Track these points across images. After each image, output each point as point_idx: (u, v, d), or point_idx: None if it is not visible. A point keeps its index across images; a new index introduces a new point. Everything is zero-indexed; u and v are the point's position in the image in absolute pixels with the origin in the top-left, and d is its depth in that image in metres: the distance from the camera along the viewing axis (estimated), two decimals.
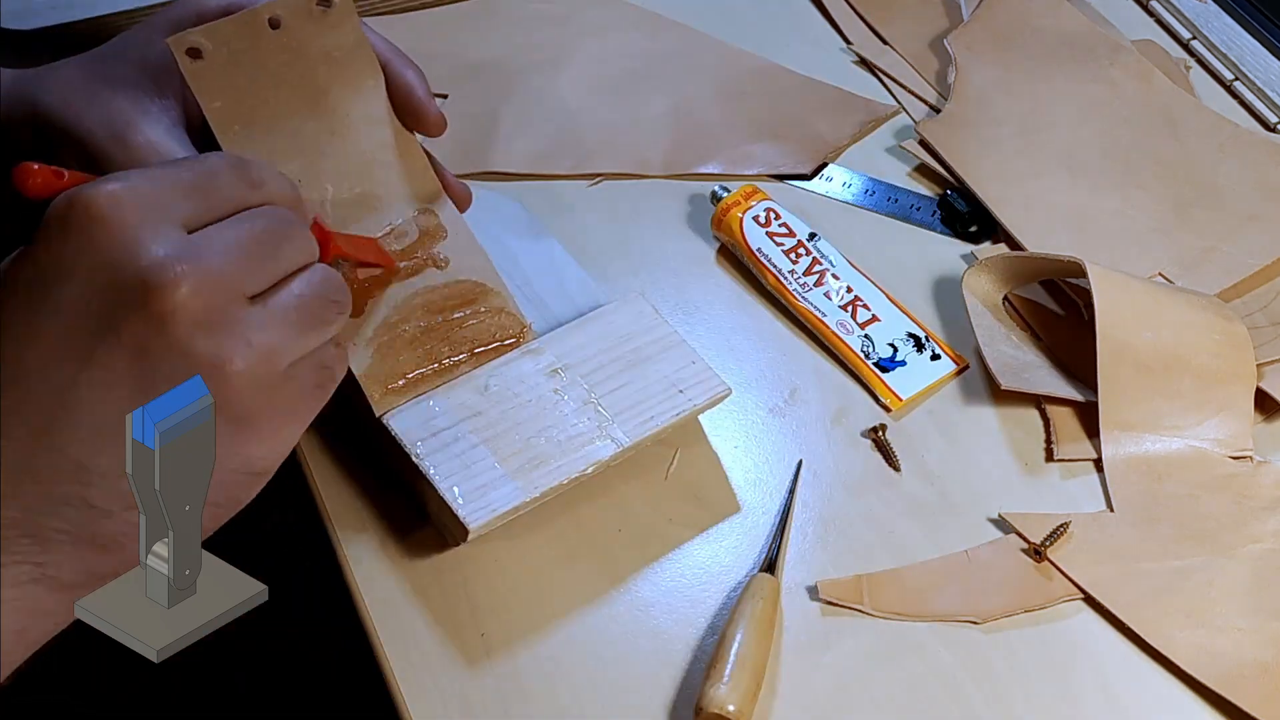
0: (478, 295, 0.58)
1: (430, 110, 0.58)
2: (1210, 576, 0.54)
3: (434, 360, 0.56)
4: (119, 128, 0.53)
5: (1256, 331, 0.63)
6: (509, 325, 0.58)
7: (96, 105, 0.54)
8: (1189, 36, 0.82)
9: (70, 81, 0.56)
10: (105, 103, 0.54)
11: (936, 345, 0.64)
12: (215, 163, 0.44)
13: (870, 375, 0.62)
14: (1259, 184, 0.70)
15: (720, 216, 0.68)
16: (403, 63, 0.58)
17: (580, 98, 0.78)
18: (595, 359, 0.57)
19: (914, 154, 0.74)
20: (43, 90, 0.56)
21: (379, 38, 0.57)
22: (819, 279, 0.65)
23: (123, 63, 0.56)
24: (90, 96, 0.54)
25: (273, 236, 0.43)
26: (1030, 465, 0.60)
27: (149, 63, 0.55)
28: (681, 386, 0.57)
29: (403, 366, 0.55)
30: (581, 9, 0.84)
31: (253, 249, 0.42)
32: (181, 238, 0.41)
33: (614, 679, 0.52)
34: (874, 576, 0.55)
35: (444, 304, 0.57)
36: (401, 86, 0.57)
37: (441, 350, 0.56)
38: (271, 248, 0.43)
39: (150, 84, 0.55)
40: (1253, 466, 0.58)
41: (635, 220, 0.71)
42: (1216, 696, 0.51)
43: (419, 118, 0.58)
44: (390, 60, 0.57)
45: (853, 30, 0.83)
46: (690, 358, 0.58)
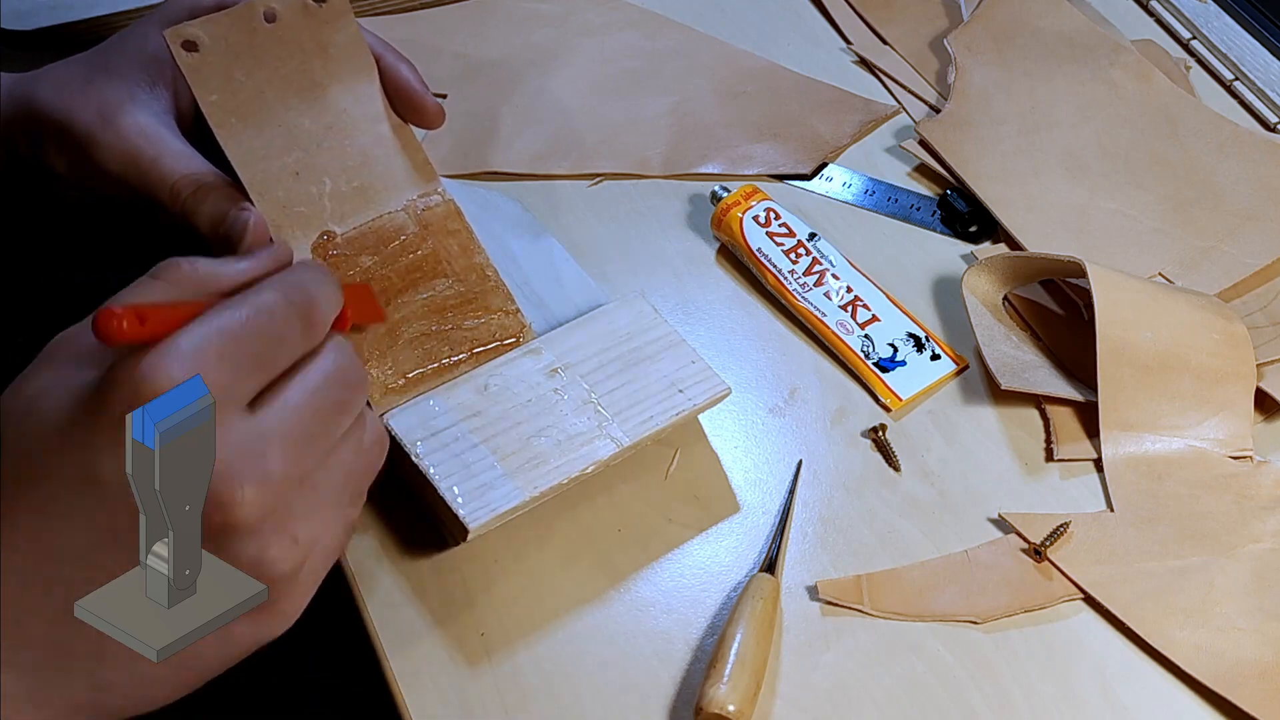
0: (478, 295, 0.58)
1: (428, 102, 0.58)
2: (1210, 576, 0.54)
3: (434, 360, 0.56)
4: (109, 112, 0.54)
5: (1256, 331, 0.63)
6: (509, 325, 0.58)
7: (89, 94, 0.55)
8: (1189, 36, 0.82)
9: (65, 76, 0.56)
10: (98, 91, 0.55)
11: (936, 345, 0.64)
12: (273, 306, 0.42)
13: (870, 375, 0.62)
14: (1259, 184, 0.71)
15: (720, 216, 0.68)
16: (395, 57, 0.58)
17: (580, 98, 0.78)
18: (595, 358, 0.57)
19: (914, 154, 0.74)
20: (38, 88, 0.56)
21: (370, 34, 0.57)
22: (819, 279, 0.65)
23: (117, 56, 0.56)
24: (83, 87, 0.55)
25: (334, 407, 0.43)
26: (1030, 465, 0.60)
27: (144, 55, 0.56)
28: (681, 386, 0.57)
29: (402, 366, 0.55)
30: (581, 9, 0.84)
31: (314, 427, 0.42)
32: (245, 437, 0.40)
33: (614, 679, 0.52)
34: (874, 576, 0.55)
35: (444, 304, 0.57)
36: (397, 79, 0.57)
37: (441, 350, 0.56)
38: (333, 416, 0.43)
39: (143, 74, 0.56)
40: (1253, 466, 0.58)
41: (635, 220, 0.71)
42: (1216, 696, 0.51)
43: (417, 109, 0.58)
44: (383, 55, 0.57)
45: (853, 30, 0.83)
46: (690, 357, 0.58)
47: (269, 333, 0.41)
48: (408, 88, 0.57)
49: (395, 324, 0.56)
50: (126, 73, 0.56)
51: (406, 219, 0.58)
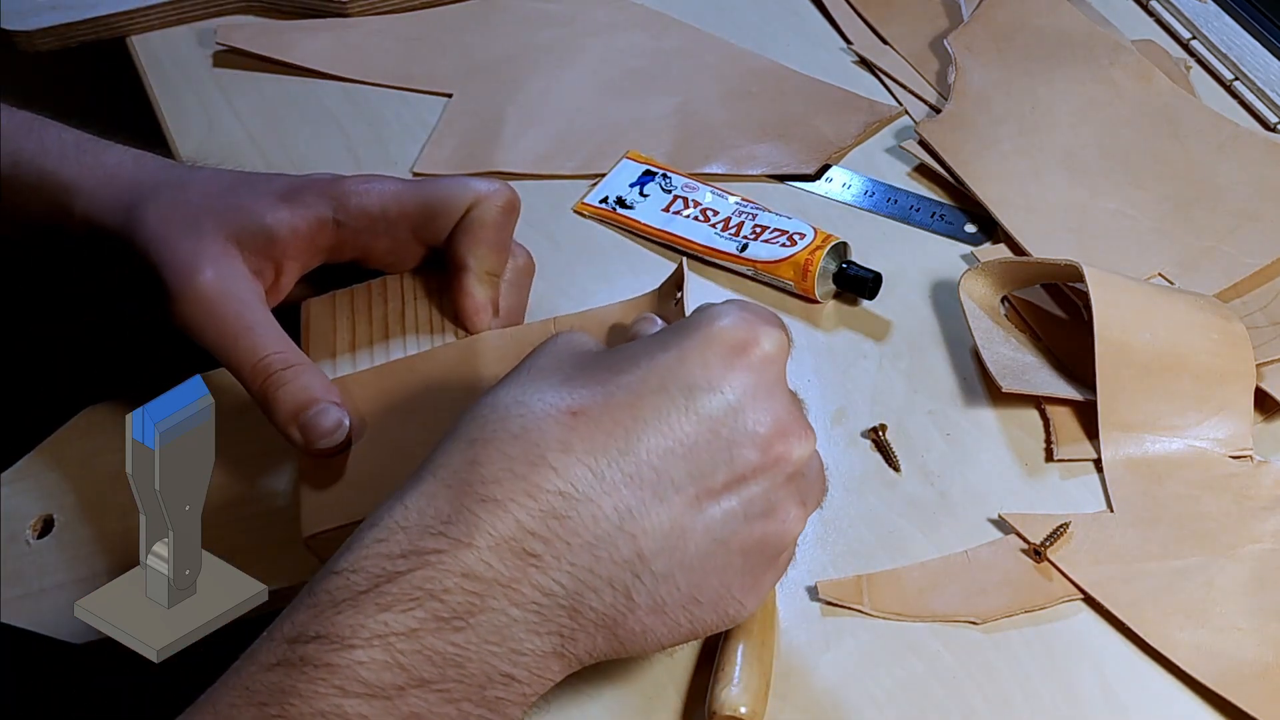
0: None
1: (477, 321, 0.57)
2: (1210, 576, 0.54)
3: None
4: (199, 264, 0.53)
5: (1256, 331, 0.63)
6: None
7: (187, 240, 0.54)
8: (1189, 36, 0.82)
9: (169, 208, 0.55)
10: (196, 239, 0.54)
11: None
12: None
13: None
14: (1259, 184, 0.70)
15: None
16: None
17: (585, 97, 0.78)
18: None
19: (913, 154, 0.74)
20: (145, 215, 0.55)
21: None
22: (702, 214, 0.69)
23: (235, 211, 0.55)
24: (187, 229, 0.54)
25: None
26: (1030, 465, 0.60)
27: (259, 225, 0.55)
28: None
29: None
30: (586, 8, 0.84)
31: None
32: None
33: (615, 679, 0.52)
34: (874, 576, 0.55)
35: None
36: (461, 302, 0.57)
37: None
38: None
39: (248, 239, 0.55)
40: (1253, 466, 0.58)
41: None
42: (1216, 696, 0.51)
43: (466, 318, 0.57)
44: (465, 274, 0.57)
45: (853, 30, 0.83)
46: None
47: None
48: (464, 308, 0.57)
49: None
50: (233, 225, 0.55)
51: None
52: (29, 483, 0.57)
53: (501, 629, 0.40)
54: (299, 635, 0.39)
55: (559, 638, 0.41)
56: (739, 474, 0.43)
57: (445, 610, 0.39)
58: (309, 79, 0.80)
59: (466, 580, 0.39)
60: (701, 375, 0.42)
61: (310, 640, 0.38)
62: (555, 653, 0.41)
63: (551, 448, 0.41)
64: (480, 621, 0.39)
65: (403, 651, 0.38)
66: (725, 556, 0.43)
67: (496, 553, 0.40)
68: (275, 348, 0.52)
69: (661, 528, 0.41)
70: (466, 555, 0.39)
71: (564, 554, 0.40)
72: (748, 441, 0.43)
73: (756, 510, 0.43)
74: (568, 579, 0.41)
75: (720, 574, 0.43)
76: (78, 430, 0.59)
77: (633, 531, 0.41)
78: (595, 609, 0.41)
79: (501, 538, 0.40)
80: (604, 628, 0.42)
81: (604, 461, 0.41)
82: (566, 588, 0.41)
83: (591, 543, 0.41)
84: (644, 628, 0.42)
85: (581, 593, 0.41)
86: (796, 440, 0.44)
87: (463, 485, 0.40)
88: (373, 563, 0.40)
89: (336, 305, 0.58)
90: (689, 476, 0.42)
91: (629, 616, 0.42)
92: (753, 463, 0.43)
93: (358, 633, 0.38)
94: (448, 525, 0.40)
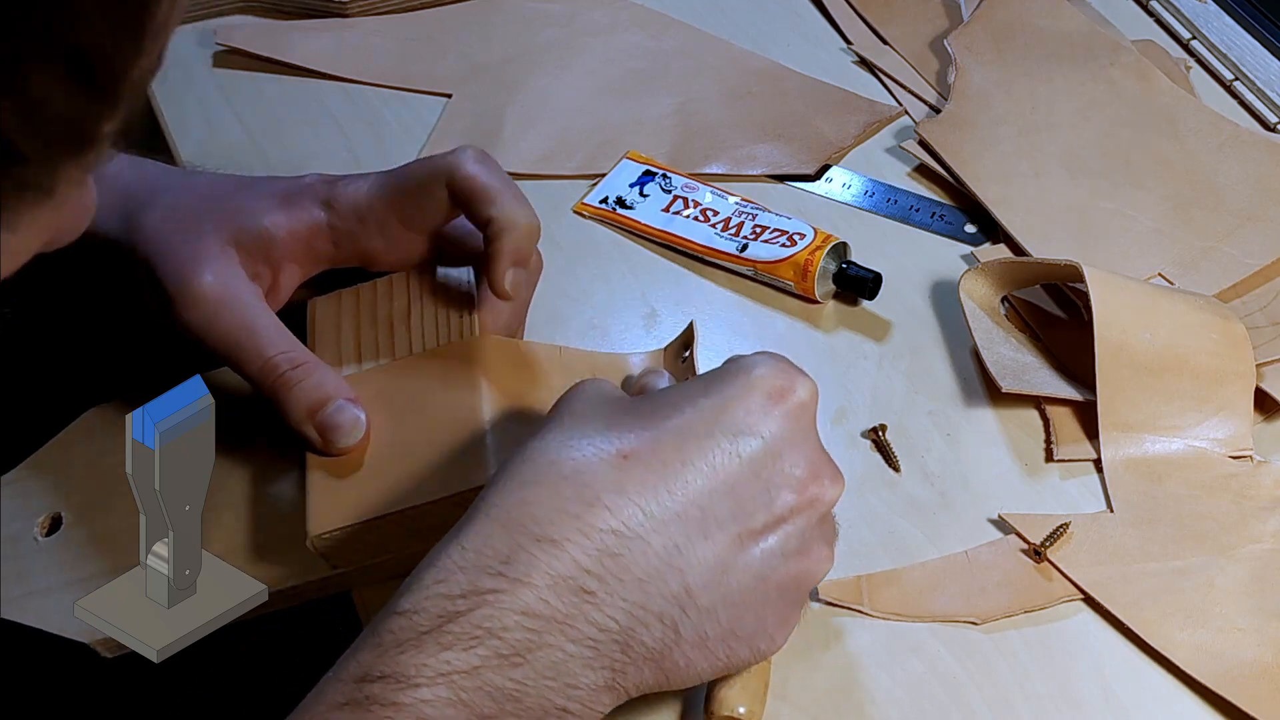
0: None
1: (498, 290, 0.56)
2: (1210, 576, 0.54)
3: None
4: (199, 268, 0.53)
5: (1256, 331, 0.63)
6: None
7: (186, 243, 0.54)
8: (1189, 36, 0.82)
9: (169, 216, 0.55)
10: (195, 241, 0.54)
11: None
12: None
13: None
14: (1259, 184, 0.70)
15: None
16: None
17: (585, 98, 0.78)
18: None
19: (913, 154, 0.74)
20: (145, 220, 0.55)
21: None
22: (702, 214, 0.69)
23: (226, 213, 0.56)
24: (185, 235, 0.54)
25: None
26: (1030, 466, 0.60)
27: (256, 227, 0.55)
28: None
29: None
30: (586, 8, 0.84)
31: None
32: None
33: None
34: (874, 576, 0.55)
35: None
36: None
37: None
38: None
39: (245, 242, 0.55)
40: (1253, 466, 0.58)
41: None
42: (1216, 696, 0.51)
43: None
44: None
45: (853, 30, 0.83)
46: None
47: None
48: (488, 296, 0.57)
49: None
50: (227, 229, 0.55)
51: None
52: (36, 482, 0.57)
53: (558, 664, 0.41)
54: (365, 675, 0.40)
55: (611, 671, 0.42)
56: (778, 515, 0.44)
57: (505, 648, 0.40)
58: (309, 79, 0.80)
59: (525, 618, 0.41)
60: (744, 420, 0.44)
61: (376, 680, 0.40)
62: (607, 686, 0.42)
63: (606, 489, 0.42)
64: (538, 658, 0.41)
65: (465, 689, 0.40)
66: (764, 593, 0.44)
67: (554, 590, 0.41)
68: (281, 347, 0.52)
69: (706, 563, 0.43)
70: (525, 594, 0.41)
71: (617, 590, 0.42)
72: (786, 484, 0.45)
73: (792, 549, 0.45)
74: (621, 614, 0.42)
75: (757, 609, 0.44)
76: (85, 429, 0.59)
77: (680, 567, 0.43)
78: (645, 643, 0.42)
79: (559, 576, 0.41)
80: (652, 660, 0.43)
81: (654, 501, 0.43)
82: (620, 623, 0.42)
83: (642, 579, 0.42)
84: (688, 661, 0.44)
85: (633, 627, 0.42)
86: (829, 483, 0.46)
87: (518, 526, 0.42)
88: (434, 603, 0.41)
89: (342, 304, 0.58)
90: (732, 516, 0.44)
91: (675, 650, 0.43)
92: (790, 504, 0.45)
93: (422, 671, 0.39)
94: (506, 565, 0.41)
